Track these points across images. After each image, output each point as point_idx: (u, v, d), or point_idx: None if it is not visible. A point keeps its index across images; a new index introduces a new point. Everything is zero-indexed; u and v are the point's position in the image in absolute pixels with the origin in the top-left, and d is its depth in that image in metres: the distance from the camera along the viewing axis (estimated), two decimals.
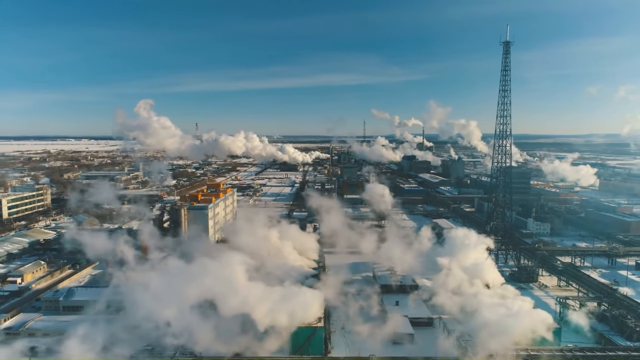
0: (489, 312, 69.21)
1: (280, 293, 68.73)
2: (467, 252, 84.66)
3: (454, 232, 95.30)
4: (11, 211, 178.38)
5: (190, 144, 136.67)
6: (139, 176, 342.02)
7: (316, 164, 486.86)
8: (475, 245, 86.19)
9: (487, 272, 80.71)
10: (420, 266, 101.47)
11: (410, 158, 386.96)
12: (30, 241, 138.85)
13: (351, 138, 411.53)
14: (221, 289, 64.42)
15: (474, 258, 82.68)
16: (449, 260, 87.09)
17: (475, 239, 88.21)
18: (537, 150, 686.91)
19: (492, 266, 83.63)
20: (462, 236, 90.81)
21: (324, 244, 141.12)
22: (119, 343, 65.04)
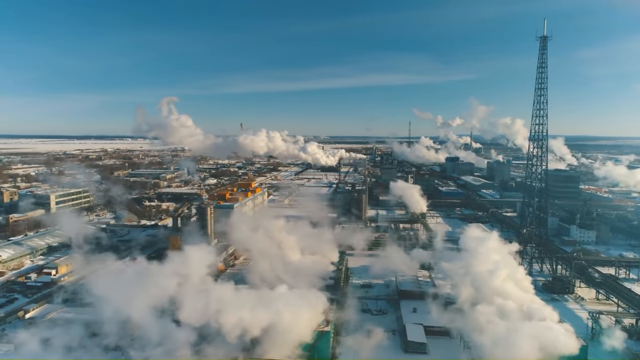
0: (502, 325, 64.66)
1: (269, 297, 67.37)
2: (482, 257, 79.73)
3: (467, 235, 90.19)
4: (59, 206, 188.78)
5: (211, 143, 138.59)
6: (183, 175, 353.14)
7: (358, 165, 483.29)
8: (491, 250, 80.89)
9: (507, 280, 75.31)
10: (445, 271, 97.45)
11: (454, 160, 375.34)
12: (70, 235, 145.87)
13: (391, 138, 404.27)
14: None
15: (493, 264, 77.59)
16: (462, 266, 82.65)
17: (494, 244, 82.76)
18: (596, 153, 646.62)
19: (517, 274, 78.18)
20: (476, 240, 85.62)
21: (349, 245, 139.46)
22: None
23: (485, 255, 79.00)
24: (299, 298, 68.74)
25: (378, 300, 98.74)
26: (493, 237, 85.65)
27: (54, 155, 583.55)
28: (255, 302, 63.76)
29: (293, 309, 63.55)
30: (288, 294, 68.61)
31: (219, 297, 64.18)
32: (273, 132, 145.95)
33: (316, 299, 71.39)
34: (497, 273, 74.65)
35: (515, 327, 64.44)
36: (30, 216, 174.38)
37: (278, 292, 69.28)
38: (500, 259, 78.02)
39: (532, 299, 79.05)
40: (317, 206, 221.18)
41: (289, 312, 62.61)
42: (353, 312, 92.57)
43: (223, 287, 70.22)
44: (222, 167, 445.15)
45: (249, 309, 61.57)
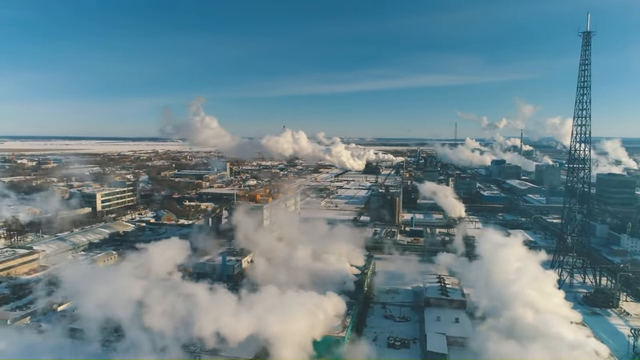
0: (507, 345, 60.51)
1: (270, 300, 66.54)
2: (500, 264, 75.14)
3: (485, 240, 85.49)
4: (104, 204, 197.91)
5: (236, 144, 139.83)
6: (225, 175, 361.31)
7: (399, 167, 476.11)
8: (511, 257, 76.02)
9: (528, 290, 70.37)
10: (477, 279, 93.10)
11: (499, 162, 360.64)
12: (110, 232, 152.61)
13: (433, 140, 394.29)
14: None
15: (512, 272, 72.87)
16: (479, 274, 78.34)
17: (514, 251, 77.75)
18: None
19: (542, 284, 73.02)
20: (495, 245, 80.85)
21: (378, 249, 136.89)
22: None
23: (504, 262, 74.42)
24: (309, 302, 67.43)
25: (402, 306, 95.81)
26: (514, 242, 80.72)
27: (108, 156, 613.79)
28: (260, 306, 63.05)
29: (298, 312, 62.17)
30: (294, 298, 67.35)
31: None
32: (298, 133, 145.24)
33: (330, 303, 69.81)
34: (516, 282, 69.92)
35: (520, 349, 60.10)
36: (78, 213, 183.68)
37: (285, 295, 68.12)
38: (521, 267, 73.14)
39: (557, 311, 73.31)
40: (352, 209, 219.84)
41: (293, 316, 61.31)
42: (375, 318, 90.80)
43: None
44: (263, 168, 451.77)
45: (253, 313, 60.93)
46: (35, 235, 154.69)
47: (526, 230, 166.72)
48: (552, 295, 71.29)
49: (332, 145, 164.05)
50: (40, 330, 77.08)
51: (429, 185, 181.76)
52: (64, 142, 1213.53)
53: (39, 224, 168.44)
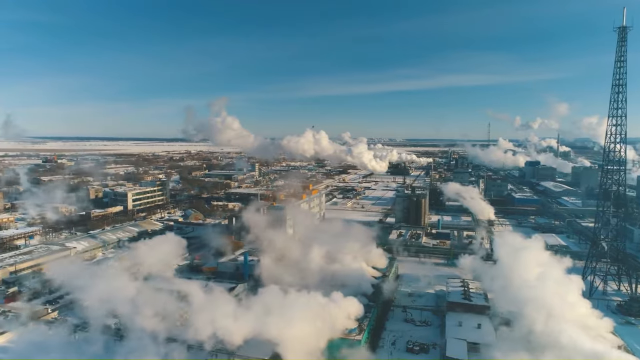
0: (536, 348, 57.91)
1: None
2: (516, 268, 72.08)
3: (500, 243, 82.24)
4: (135, 203, 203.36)
5: (257, 145, 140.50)
6: (255, 176, 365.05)
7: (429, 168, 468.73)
8: (531, 261, 72.69)
9: (552, 295, 66.98)
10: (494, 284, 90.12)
11: (534, 164, 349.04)
12: (139, 230, 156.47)
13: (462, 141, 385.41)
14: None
15: (529, 276, 69.73)
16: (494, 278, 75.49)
17: (536, 255, 74.28)
18: None
19: (570, 290, 69.50)
20: (511, 248, 77.54)
21: (403, 251, 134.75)
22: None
23: (521, 266, 71.43)
24: (316, 303, 66.69)
25: (424, 310, 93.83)
26: (533, 246, 77.40)
27: (143, 156, 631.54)
28: (262, 308, 62.68)
29: (303, 315, 61.46)
30: (300, 299, 66.61)
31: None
32: (319, 133, 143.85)
33: (342, 306, 68.92)
34: (534, 287, 66.89)
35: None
36: (110, 212, 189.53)
37: (290, 297, 67.48)
38: (541, 272, 69.92)
39: (581, 320, 69.57)
40: (378, 210, 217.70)
41: (297, 319, 60.62)
42: (395, 321, 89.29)
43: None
44: (292, 168, 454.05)
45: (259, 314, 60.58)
46: (69, 232, 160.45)
47: (559, 235, 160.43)
48: (576, 302, 67.75)
49: (354, 146, 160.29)
50: (64, 325, 79.69)
51: (453, 186, 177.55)
52: (102, 143, 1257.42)
53: (74, 222, 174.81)
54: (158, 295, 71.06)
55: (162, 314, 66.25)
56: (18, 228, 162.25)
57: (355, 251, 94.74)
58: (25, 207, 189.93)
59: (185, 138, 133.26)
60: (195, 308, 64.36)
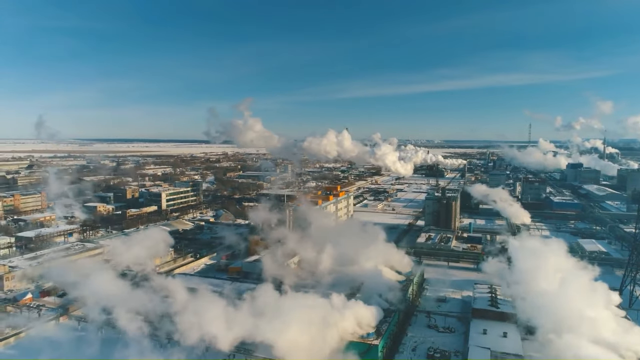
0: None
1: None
2: (535, 275, 68.35)
3: (517, 246, 78.23)
4: (169, 203, 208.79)
5: (280, 146, 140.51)
6: (287, 177, 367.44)
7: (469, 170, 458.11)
8: (547, 267, 68.68)
9: (571, 306, 63.08)
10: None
11: (576, 166, 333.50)
12: (170, 230, 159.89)
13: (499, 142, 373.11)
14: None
15: (551, 283, 65.90)
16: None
17: (553, 260, 70.05)
18: None
19: (592, 299, 65.20)
20: (528, 252, 73.51)
21: (431, 255, 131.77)
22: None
23: (535, 273, 67.82)
24: (333, 307, 65.71)
25: (448, 316, 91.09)
26: (550, 250, 73.37)
27: (181, 157, 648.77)
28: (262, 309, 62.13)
29: (306, 318, 60.48)
30: (307, 303, 65.64)
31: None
32: (341, 134, 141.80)
33: (352, 310, 67.51)
34: (547, 296, 63.32)
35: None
36: (144, 211, 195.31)
37: (294, 300, 66.63)
38: (556, 278, 66.10)
39: (603, 332, 65.17)
40: (409, 213, 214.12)
41: (299, 322, 59.72)
42: (417, 327, 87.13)
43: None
44: (325, 170, 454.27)
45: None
46: (105, 231, 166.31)
47: (600, 241, 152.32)
48: (599, 314, 63.60)
49: (376, 147, 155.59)
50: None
51: (479, 187, 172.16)
52: (144, 145, 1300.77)
53: (110, 221, 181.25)
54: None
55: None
56: (58, 226, 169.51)
57: (378, 254, 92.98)
58: (66, 206, 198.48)
59: (209, 140, 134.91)
60: (180, 309, 64.74)
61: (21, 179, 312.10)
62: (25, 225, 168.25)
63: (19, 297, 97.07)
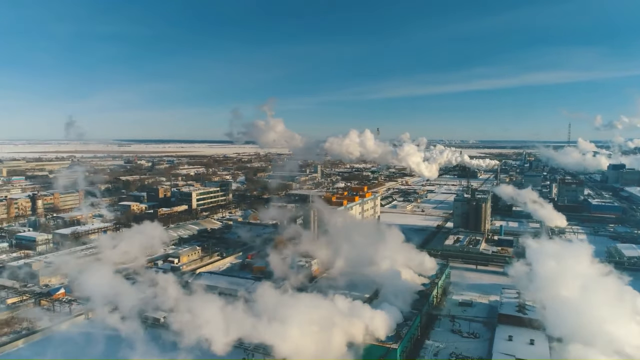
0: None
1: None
2: (554, 279, 64.93)
3: (534, 249, 74.60)
4: (199, 203, 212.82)
5: (301, 146, 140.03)
6: (316, 177, 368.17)
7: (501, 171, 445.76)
8: (567, 272, 65.06)
9: (590, 315, 59.52)
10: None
11: (618, 167, 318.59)
12: (199, 229, 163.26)
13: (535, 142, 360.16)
14: None
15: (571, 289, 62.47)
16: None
17: (573, 264, 66.24)
18: None
19: (617, 311, 61.33)
20: (543, 256, 69.85)
21: (458, 257, 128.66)
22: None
23: (556, 277, 64.50)
24: (342, 310, 64.76)
25: (473, 321, 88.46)
26: (573, 252, 69.67)
27: (214, 158, 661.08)
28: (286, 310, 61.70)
29: (318, 319, 59.73)
30: (311, 305, 64.71)
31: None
32: (363, 133, 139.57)
33: (370, 314, 66.30)
34: (564, 302, 60.08)
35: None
36: (175, 210, 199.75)
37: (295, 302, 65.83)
38: (580, 286, 62.63)
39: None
40: (438, 214, 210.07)
41: (311, 322, 59.00)
42: (441, 331, 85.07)
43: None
44: (355, 170, 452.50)
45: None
46: None
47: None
48: (622, 322, 59.88)
49: (399, 147, 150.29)
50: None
51: (506, 188, 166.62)
52: (179, 145, 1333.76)
53: (142, 219, 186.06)
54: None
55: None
56: (94, 224, 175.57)
57: (399, 257, 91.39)
58: (93, 204, 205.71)
59: (232, 141, 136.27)
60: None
61: (62, 178, 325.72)
62: (63, 223, 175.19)
63: (53, 291, 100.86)
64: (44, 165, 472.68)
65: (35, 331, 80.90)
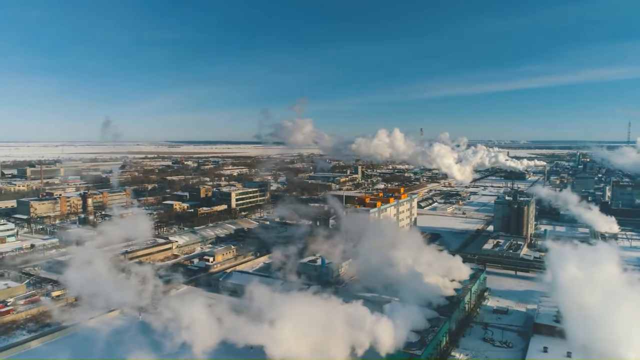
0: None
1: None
2: (574, 287, 60.15)
3: (555, 256, 69.44)
4: (238, 202, 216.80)
5: (330, 147, 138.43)
6: (357, 178, 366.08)
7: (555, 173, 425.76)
8: (588, 281, 60.00)
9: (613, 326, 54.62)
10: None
11: None
12: (236, 228, 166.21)
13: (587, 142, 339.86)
14: None
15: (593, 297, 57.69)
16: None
17: (594, 273, 61.02)
18: None
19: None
20: (566, 263, 64.61)
21: (497, 262, 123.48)
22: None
23: (580, 284, 59.76)
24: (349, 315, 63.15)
25: (507, 330, 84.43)
26: (596, 257, 64.50)
27: (258, 158, 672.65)
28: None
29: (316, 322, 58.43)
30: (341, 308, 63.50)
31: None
32: (393, 133, 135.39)
33: (381, 322, 64.18)
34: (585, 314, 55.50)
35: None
36: (215, 210, 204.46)
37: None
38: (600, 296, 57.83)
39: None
40: (480, 217, 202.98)
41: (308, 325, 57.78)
42: (471, 339, 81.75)
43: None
44: (397, 171, 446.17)
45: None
46: (178, 227, 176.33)
47: None
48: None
49: (427, 148, 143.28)
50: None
51: (541, 189, 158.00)
52: (226, 146, 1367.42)
53: (183, 218, 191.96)
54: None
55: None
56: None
57: (426, 260, 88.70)
58: (146, 203, 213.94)
59: (261, 141, 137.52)
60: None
61: (113, 178, 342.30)
62: (110, 220, 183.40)
63: None
64: (99, 165, 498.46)
65: (66, 326, 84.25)
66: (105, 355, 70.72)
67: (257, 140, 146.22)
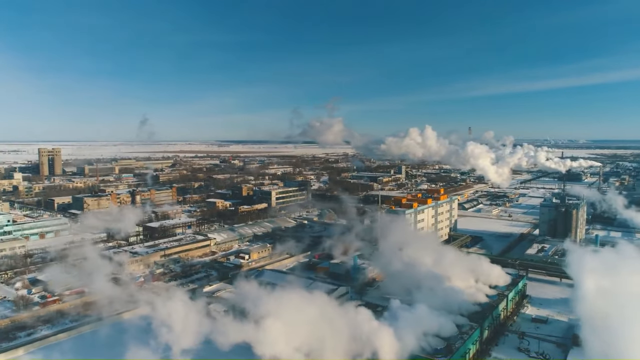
0: None
1: None
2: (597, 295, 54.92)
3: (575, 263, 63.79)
4: (278, 201, 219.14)
5: (361, 145, 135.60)
6: (400, 178, 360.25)
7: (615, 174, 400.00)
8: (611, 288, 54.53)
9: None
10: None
11: None
12: (273, 227, 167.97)
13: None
14: None
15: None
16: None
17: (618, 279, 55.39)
18: None
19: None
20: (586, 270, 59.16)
21: (540, 268, 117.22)
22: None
23: (600, 293, 54.81)
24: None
25: (545, 341, 79.72)
26: (617, 264, 59.31)
27: (302, 158, 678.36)
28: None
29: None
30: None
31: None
32: (425, 132, 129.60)
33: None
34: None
35: None
36: (255, 208, 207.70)
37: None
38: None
39: None
40: (527, 220, 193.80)
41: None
42: (505, 348, 77.82)
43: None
44: (444, 172, 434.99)
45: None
46: (218, 225, 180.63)
47: None
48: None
49: (461, 147, 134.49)
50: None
51: (582, 191, 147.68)
52: (273, 146, 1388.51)
53: (224, 215, 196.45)
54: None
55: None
56: (181, 218, 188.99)
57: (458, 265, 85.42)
58: (191, 200, 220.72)
59: (290, 140, 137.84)
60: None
61: (163, 176, 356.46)
62: (155, 217, 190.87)
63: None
64: (152, 163, 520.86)
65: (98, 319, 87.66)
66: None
67: (287, 140, 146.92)
